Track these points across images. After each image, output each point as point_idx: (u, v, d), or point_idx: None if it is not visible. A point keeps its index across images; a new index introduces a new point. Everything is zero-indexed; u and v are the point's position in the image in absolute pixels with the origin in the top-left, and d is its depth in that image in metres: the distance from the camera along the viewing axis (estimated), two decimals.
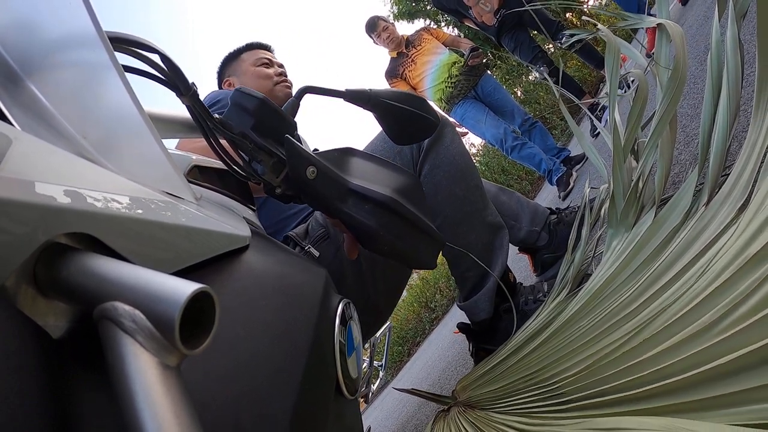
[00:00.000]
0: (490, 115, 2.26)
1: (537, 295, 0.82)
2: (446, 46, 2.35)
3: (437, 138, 0.79)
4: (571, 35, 1.01)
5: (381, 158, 0.48)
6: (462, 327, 0.91)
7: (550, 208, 1.08)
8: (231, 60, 1.12)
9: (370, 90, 0.48)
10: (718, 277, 0.38)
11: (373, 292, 0.80)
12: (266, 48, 1.14)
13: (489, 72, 2.41)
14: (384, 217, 0.42)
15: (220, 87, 1.15)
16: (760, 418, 0.29)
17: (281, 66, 1.13)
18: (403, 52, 2.32)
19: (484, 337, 0.84)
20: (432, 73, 2.27)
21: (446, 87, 2.26)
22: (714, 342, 0.34)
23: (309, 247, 0.75)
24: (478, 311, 0.81)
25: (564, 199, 2.05)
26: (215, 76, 1.17)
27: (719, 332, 0.34)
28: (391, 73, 2.36)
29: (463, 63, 2.24)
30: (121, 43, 0.35)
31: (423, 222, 0.45)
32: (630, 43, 1.02)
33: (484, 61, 2.32)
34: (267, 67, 1.09)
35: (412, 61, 2.30)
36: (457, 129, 2.42)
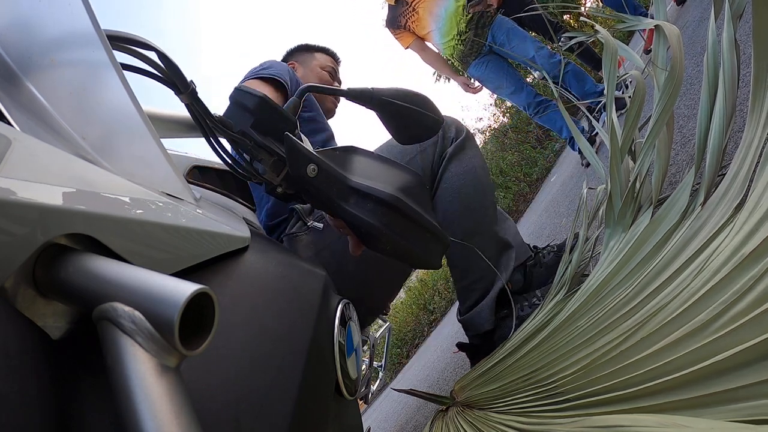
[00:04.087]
0: (508, 79, 2.10)
1: (532, 300, 0.82)
2: None
3: (462, 147, 0.80)
4: (569, 38, 1.01)
5: (384, 157, 0.47)
6: (462, 346, 0.91)
7: (531, 247, 0.94)
8: (305, 50, 1.18)
9: (373, 89, 0.47)
10: (714, 275, 0.38)
11: (370, 281, 0.79)
12: (338, 61, 1.22)
13: (500, 15, 2.09)
14: (387, 215, 0.41)
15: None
16: (756, 414, 0.29)
17: (340, 82, 1.22)
18: None
19: (485, 349, 0.83)
20: (440, 28, 2.09)
21: (456, 44, 2.08)
22: (711, 339, 0.34)
23: (312, 223, 0.74)
24: (482, 322, 0.81)
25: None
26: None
27: (716, 330, 0.34)
28: (393, 23, 2.17)
29: (466, 16, 2.02)
30: (118, 41, 0.34)
31: (428, 221, 0.44)
32: (628, 44, 1.02)
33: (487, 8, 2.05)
34: (331, 77, 1.16)
35: (413, 9, 2.08)
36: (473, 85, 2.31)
